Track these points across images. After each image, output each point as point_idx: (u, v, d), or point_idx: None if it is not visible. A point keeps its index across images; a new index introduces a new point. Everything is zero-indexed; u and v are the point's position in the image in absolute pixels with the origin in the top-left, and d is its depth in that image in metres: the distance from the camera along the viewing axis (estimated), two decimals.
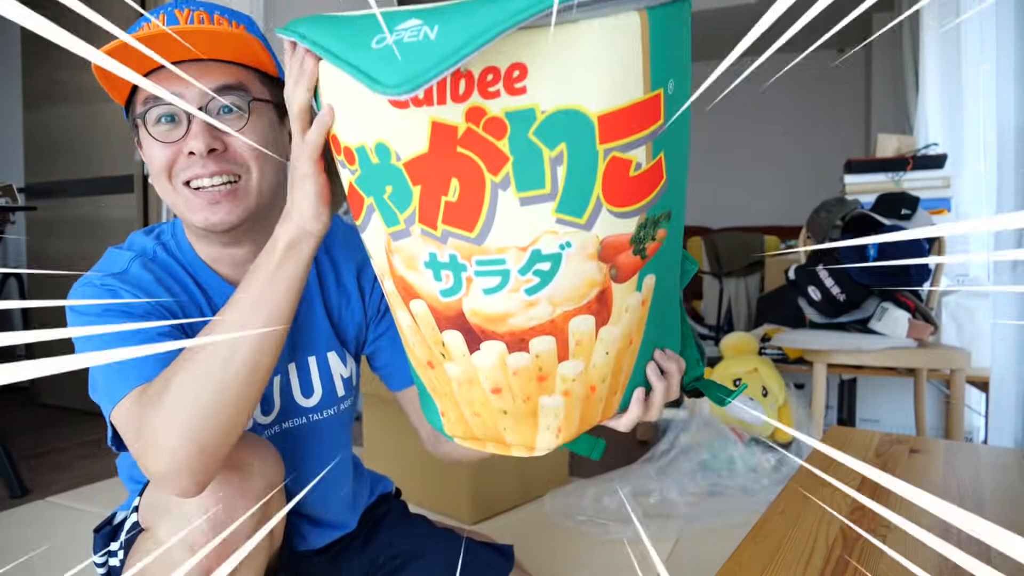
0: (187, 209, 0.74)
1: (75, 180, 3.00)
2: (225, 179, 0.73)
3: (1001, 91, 1.74)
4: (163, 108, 0.72)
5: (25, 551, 1.58)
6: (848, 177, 2.54)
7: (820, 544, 0.73)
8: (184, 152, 0.72)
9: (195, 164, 0.72)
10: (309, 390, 0.87)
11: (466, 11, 0.45)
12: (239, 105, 0.73)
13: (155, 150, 0.73)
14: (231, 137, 0.72)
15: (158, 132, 0.73)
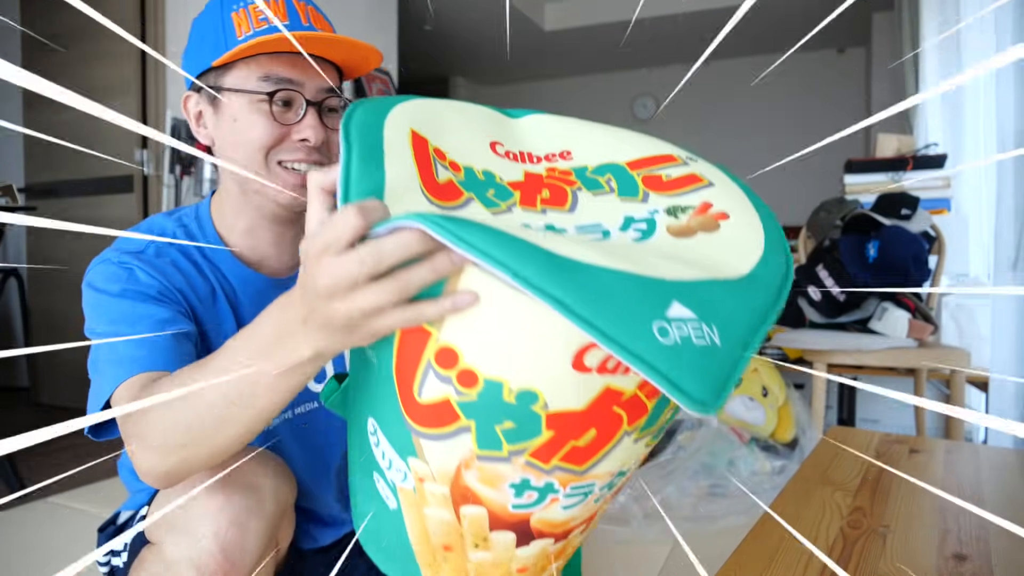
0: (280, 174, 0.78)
1: (75, 180, 3.00)
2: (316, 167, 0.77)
3: (1001, 91, 1.74)
4: (285, 93, 0.76)
5: (25, 551, 1.58)
6: (848, 177, 2.55)
7: (820, 544, 0.73)
8: (293, 136, 0.77)
9: (301, 150, 0.77)
10: (321, 374, 0.86)
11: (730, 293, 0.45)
12: (338, 109, 0.81)
13: (259, 128, 0.76)
14: (330, 132, 0.79)
15: (276, 111, 0.76)
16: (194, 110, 0.81)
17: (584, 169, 0.58)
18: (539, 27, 5.34)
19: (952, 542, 0.73)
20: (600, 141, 0.61)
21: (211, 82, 0.78)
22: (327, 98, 0.79)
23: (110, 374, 0.70)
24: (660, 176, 0.57)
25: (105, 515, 0.95)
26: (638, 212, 0.54)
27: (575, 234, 0.51)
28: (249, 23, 0.75)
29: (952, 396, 1.85)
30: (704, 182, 0.57)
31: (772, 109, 5.84)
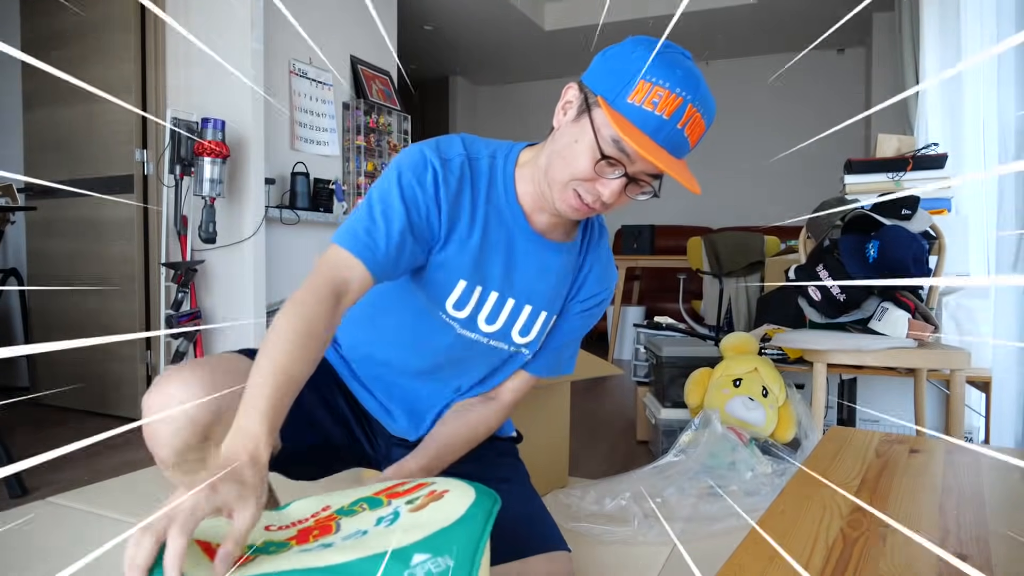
0: (560, 199, 0.95)
1: (75, 180, 3.00)
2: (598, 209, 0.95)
3: (1001, 91, 1.73)
4: (618, 157, 0.89)
5: (25, 551, 1.58)
6: (848, 177, 2.54)
7: (820, 544, 0.72)
8: (597, 185, 0.92)
9: (593, 195, 0.92)
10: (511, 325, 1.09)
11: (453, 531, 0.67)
12: (646, 188, 0.94)
13: (583, 164, 0.90)
14: (624, 199, 0.94)
15: (599, 166, 0.90)
16: (567, 97, 0.95)
17: (341, 508, 0.77)
18: (539, 27, 5.33)
19: (952, 542, 0.73)
20: (351, 493, 0.81)
21: (591, 102, 0.90)
22: (643, 178, 0.92)
23: (349, 232, 0.93)
24: (397, 490, 0.79)
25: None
26: (386, 512, 0.74)
27: (341, 543, 0.67)
28: (644, 96, 0.85)
29: (952, 396, 1.85)
30: (429, 483, 0.79)
31: (772, 109, 5.84)
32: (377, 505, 0.76)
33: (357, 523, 0.72)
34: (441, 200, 0.97)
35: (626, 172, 0.90)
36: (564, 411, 2.07)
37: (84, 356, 3.02)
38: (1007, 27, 1.70)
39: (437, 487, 0.77)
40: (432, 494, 0.75)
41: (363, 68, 3.70)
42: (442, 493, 0.74)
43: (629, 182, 0.92)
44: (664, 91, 0.85)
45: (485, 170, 1.02)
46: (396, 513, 0.72)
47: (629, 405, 3.22)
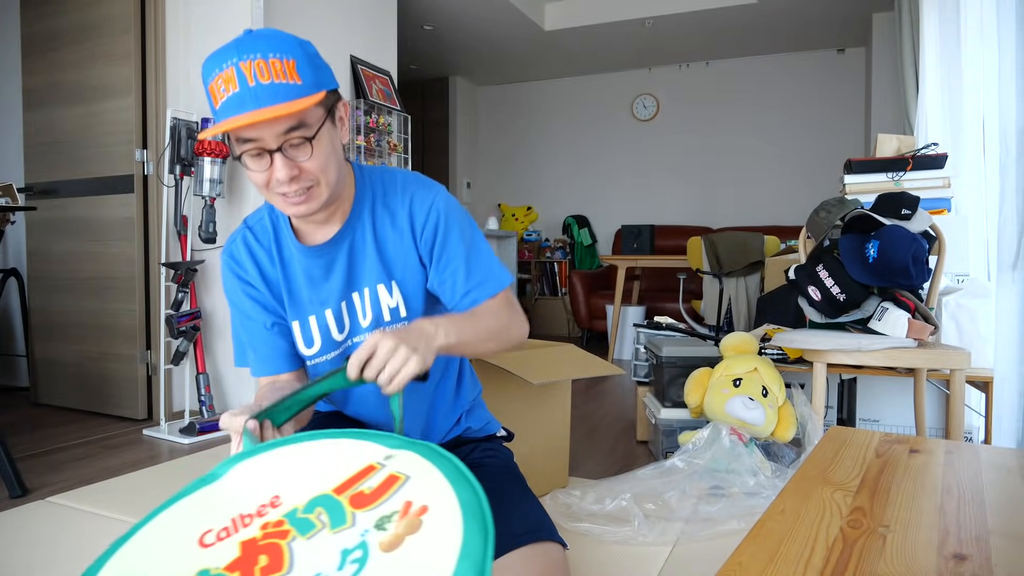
0: (281, 207, 1.02)
1: (75, 180, 3.00)
2: (304, 187, 0.99)
3: (1001, 91, 1.73)
4: (250, 147, 0.95)
5: (25, 551, 1.58)
6: (848, 177, 2.54)
7: (820, 544, 0.72)
8: (273, 176, 0.97)
9: (281, 185, 0.97)
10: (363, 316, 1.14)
11: None
12: (307, 134, 0.96)
13: (253, 175, 0.99)
14: (302, 163, 0.97)
15: (253, 164, 0.97)
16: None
17: (295, 511, 0.66)
18: (539, 27, 5.33)
19: (952, 542, 0.73)
20: (305, 474, 0.70)
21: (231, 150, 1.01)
22: (286, 140, 0.94)
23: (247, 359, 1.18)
24: (363, 491, 0.65)
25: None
26: (351, 540, 0.60)
27: None
28: (219, 95, 0.92)
29: (952, 396, 1.85)
30: (401, 479, 0.65)
31: (772, 109, 5.84)
32: (339, 519, 0.63)
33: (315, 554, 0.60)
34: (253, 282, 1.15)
35: (268, 151, 0.95)
36: (564, 411, 2.07)
37: (84, 357, 3.02)
38: (1007, 27, 1.70)
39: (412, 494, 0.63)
40: (408, 510, 0.61)
41: (363, 68, 3.70)
42: (420, 513, 0.61)
43: (280, 153, 0.95)
44: (220, 76, 0.92)
45: (267, 225, 1.16)
46: (364, 549, 0.59)
47: (629, 405, 3.22)
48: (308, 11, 3.33)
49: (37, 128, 3.11)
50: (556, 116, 6.65)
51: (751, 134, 5.93)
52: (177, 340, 2.71)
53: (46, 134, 3.07)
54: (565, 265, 6.29)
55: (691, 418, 2.21)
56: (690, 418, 2.22)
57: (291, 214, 1.05)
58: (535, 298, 6.34)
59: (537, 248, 6.43)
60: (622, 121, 6.36)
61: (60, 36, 3.01)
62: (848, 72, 5.59)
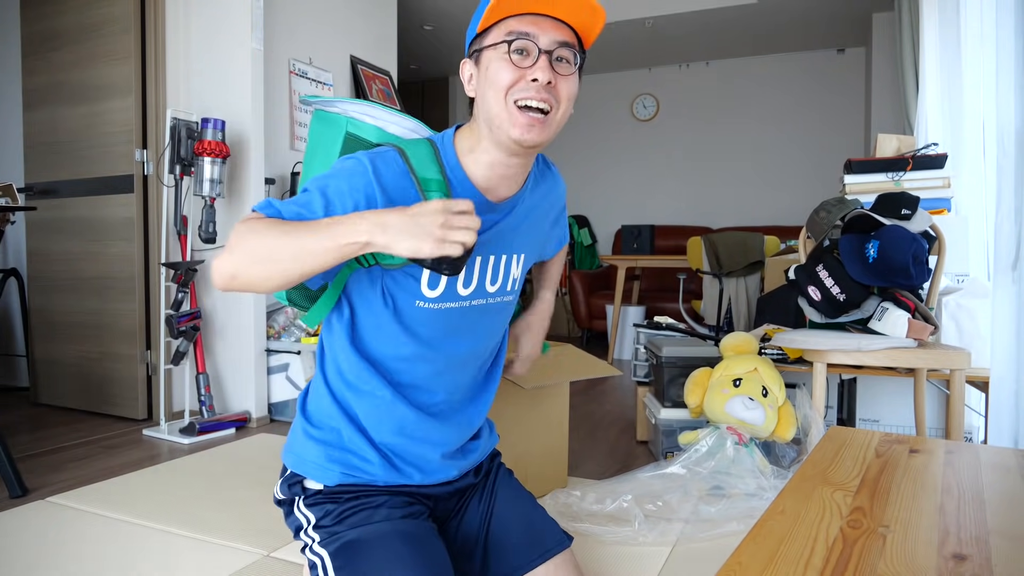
0: (509, 124, 0.97)
1: (75, 180, 3.00)
2: (546, 107, 0.96)
3: (999, 91, 1.73)
4: (522, 42, 0.95)
5: (25, 551, 1.58)
6: (848, 177, 2.54)
7: (820, 544, 0.72)
8: (527, 78, 0.95)
9: (531, 88, 0.95)
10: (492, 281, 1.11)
11: None
12: (570, 59, 0.98)
13: (504, 72, 0.96)
14: (559, 77, 0.97)
15: (515, 57, 0.95)
16: (466, 74, 1.04)
17: None
18: None
19: (952, 542, 0.73)
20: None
21: (477, 46, 1.00)
22: (558, 48, 0.95)
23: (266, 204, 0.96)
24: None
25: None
26: None
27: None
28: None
29: (952, 396, 1.85)
30: None
31: (772, 109, 5.84)
32: None
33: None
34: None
35: (539, 48, 0.94)
36: (564, 411, 2.07)
37: (84, 357, 3.02)
38: (1007, 27, 1.70)
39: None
40: None
41: (363, 68, 3.70)
42: None
43: (551, 58, 0.95)
44: None
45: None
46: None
47: (629, 405, 3.22)
48: (308, 11, 3.33)
49: (37, 128, 3.11)
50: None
51: (751, 134, 5.93)
52: (177, 340, 2.71)
53: (46, 134, 3.07)
54: (565, 265, 6.30)
55: (691, 418, 2.21)
56: (690, 418, 2.22)
57: (515, 137, 0.97)
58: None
59: None
60: (622, 121, 6.36)
61: (60, 36, 3.01)
62: (848, 72, 5.59)
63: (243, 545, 1.60)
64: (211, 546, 1.60)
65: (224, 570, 1.47)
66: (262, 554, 1.54)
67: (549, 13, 0.95)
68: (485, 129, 1.01)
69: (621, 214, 6.33)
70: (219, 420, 2.69)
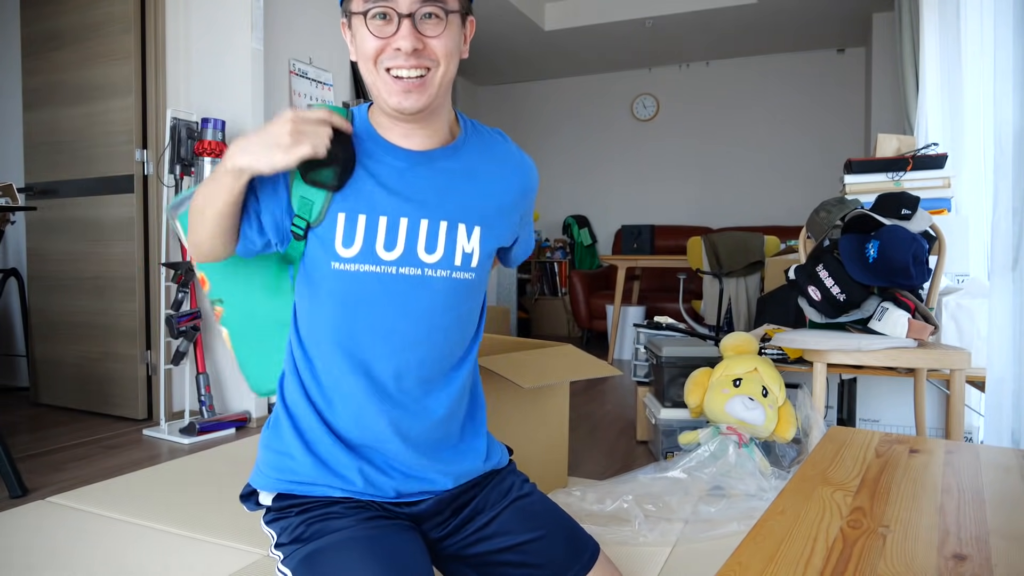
0: (385, 93, 0.94)
1: (75, 180, 3.00)
2: (419, 72, 0.92)
3: (997, 91, 1.73)
4: (380, 8, 0.91)
5: (25, 551, 1.58)
6: (848, 177, 2.54)
7: (820, 544, 0.73)
8: (392, 46, 0.91)
9: (399, 57, 0.91)
10: (430, 249, 1.01)
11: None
12: (438, 14, 0.92)
13: (368, 40, 0.92)
14: (428, 38, 0.92)
15: (374, 27, 0.91)
16: (347, 38, 0.99)
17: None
18: (539, 27, 5.33)
19: (952, 542, 0.73)
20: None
21: (345, 10, 0.96)
22: (422, 8, 0.90)
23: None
24: None
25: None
26: None
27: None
28: None
29: (952, 396, 1.85)
30: None
31: (772, 109, 5.84)
32: None
33: None
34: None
35: (398, 13, 0.90)
36: (564, 411, 2.07)
37: (84, 357, 3.02)
38: (1006, 27, 1.70)
39: None
40: None
41: None
42: None
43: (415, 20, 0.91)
44: None
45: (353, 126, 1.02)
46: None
47: (629, 405, 3.22)
48: (308, 11, 3.33)
49: (37, 128, 3.11)
50: (556, 116, 6.65)
51: (751, 134, 5.93)
52: (177, 340, 2.71)
53: (46, 134, 3.07)
54: (565, 265, 6.30)
55: (691, 418, 2.21)
56: (690, 418, 2.22)
57: (393, 105, 0.93)
58: (535, 298, 6.35)
59: (537, 248, 6.44)
60: (622, 121, 6.36)
61: (60, 36, 3.01)
62: (848, 72, 5.60)
63: (243, 545, 1.60)
64: (211, 546, 1.60)
65: (224, 570, 1.47)
66: (262, 554, 1.54)
67: None
68: (373, 95, 0.98)
69: (621, 214, 6.33)
70: (219, 420, 2.69)
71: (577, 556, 1.12)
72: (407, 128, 1.00)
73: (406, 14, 0.90)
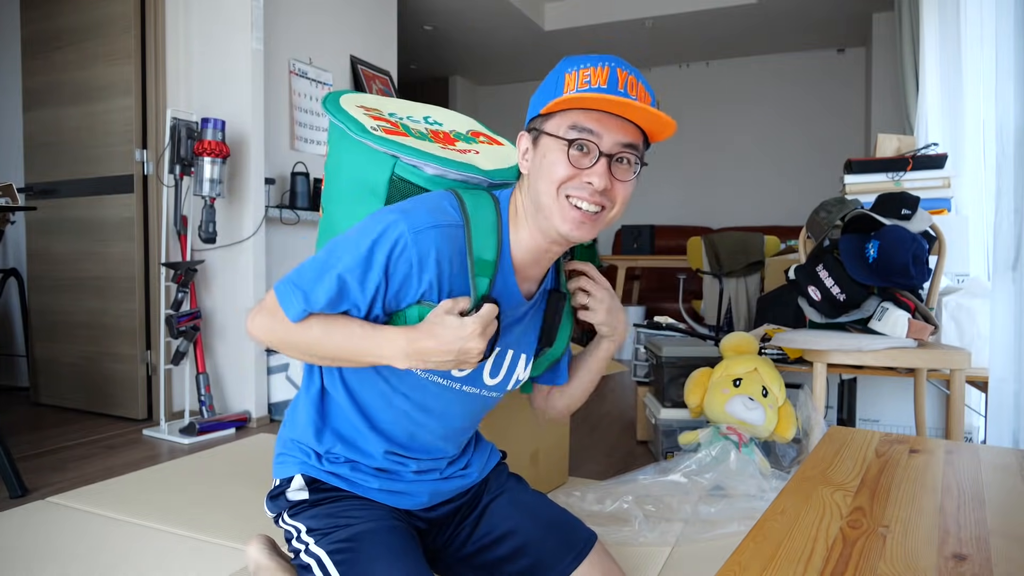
0: (559, 217, 0.93)
1: (75, 180, 3.00)
2: (597, 209, 0.92)
3: (998, 90, 1.73)
4: (585, 140, 0.90)
5: (25, 551, 1.58)
6: (848, 177, 2.54)
7: (820, 544, 0.72)
8: (583, 179, 0.91)
9: (586, 190, 0.91)
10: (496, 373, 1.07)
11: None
12: (631, 160, 0.93)
13: (560, 167, 0.91)
14: (617, 180, 0.93)
15: (573, 155, 0.91)
16: (523, 146, 0.98)
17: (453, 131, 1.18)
18: (539, 27, 5.33)
19: (952, 542, 0.73)
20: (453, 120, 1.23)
21: (538, 126, 0.95)
22: (621, 152, 0.91)
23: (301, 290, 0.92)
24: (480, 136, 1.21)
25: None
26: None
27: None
28: (576, 83, 0.90)
29: (952, 396, 1.85)
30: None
31: (772, 109, 5.84)
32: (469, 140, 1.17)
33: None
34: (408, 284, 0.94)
35: (600, 151, 0.90)
36: None
37: (84, 357, 3.02)
38: (1006, 27, 1.70)
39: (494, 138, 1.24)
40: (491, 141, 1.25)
41: (363, 68, 3.70)
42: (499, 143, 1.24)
43: (611, 161, 0.91)
44: (590, 69, 0.90)
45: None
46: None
47: (629, 405, 3.22)
48: (308, 11, 3.33)
49: (37, 128, 3.11)
50: None
51: (751, 134, 5.93)
52: (177, 340, 2.71)
53: (46, 134, 3.07)
54: None
55: (691, 418, 2.21)
56: (690, 418, 2.22)
57: (564, 232, 0.93)
58: None
59: None
60: None
61: (60, 36, 3.01)
62: (848, 72, 5.59)
63: (243, 545, 1.60)
64: (211, 546, 1.60)
65: (224, 570, 1.47)
66: None
67: (624, 115, 0.90)
68: (532, 210, 0.96)
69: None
70: (219, 420, 2.69)
71: (570, 545, 1.14)
72: (546, 251, 0.99)
73: (607, 153, 0.91)
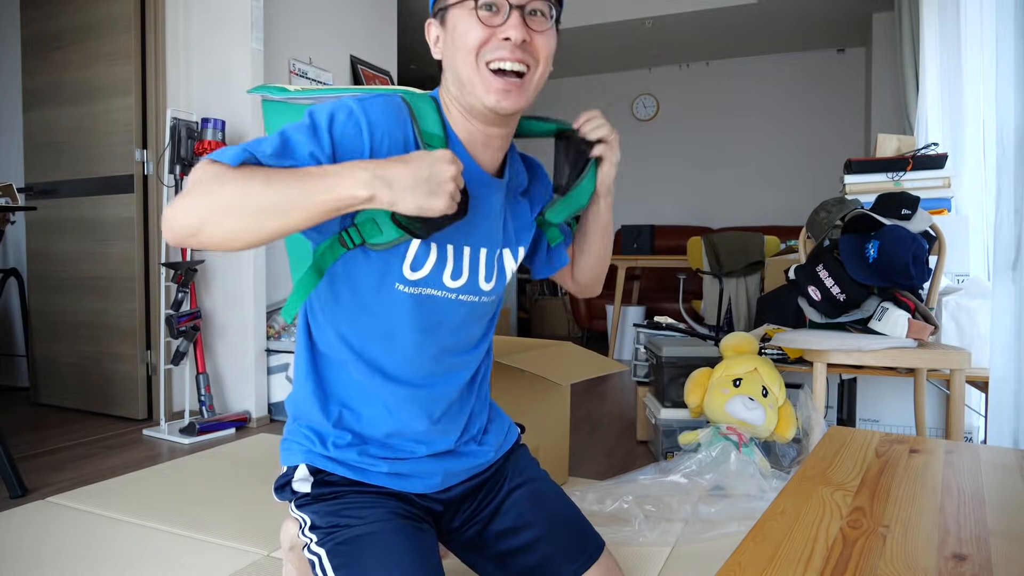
0: (482, 88, 0.90)
1: (75, 180, 3.00)
2: (521, 68, 0.89)
3: (998, 90, 1.73)
4: None
5: (25, 551, 1.58)
6: (848, 177, 2.54)
7: (820, 544, 0.72)
8: (498, 36, 0.89)
9: (504, 48, 0.88)
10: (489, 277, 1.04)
11: None
12: (544, 12, 0.92)
13: (472, 30, 0.89)
14: (535, 32, 0.90)
15: (483, 15, 0.88)
16: (432, 35, 0.97)
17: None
18: None
19: (952, 542, 0.73)
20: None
21: (441, 4, 0.93)
22: (532, 3, 0.90)
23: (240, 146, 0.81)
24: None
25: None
26: None
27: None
28: None
29: (952, 396, 1.85)
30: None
31: (772, 108, 5.84)
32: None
33: None
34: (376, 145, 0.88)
35: (510, 4, 0.88)
36: (564, 411, 2.07)
37: (84, 357, 3.02)
38: (1006, 27, 1.69)
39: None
40: None
41: (363, 68, 3.70)
42: None
43: (524, 14, 0.90)
44: None
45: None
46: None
47: (629, 405, 3.22)
48: (308, 11, 3.33)
49: (37, 128, 3.11)
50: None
51: (751, 134, 5.93)
52: (177, 340, 2.71)
53: (46, 134, 3.07)
54: None
55: (691, 418, 2.21)
56: (690, 418, 2.22)
57: (490, 104, 0.90)
58: (535, 298, 6.35)
59: None
60: (622, 121, 6.36)
61: (60, 36, 3.01)
62: (848, 72, 5.59)
63: (243, 545, 1.60)
64: (211, 546, 1.60)
65: (224, 570, 1.47)
66: (262, 554, 1.54)
67: None
68: (457, 93, 0.94)
69: (621, 214, 6.33)
70: (219, 420, 2.69)
71: (584, 548, 1.12)
72: (485, 133, 0.96)
73: (517, 4, 0.89)
